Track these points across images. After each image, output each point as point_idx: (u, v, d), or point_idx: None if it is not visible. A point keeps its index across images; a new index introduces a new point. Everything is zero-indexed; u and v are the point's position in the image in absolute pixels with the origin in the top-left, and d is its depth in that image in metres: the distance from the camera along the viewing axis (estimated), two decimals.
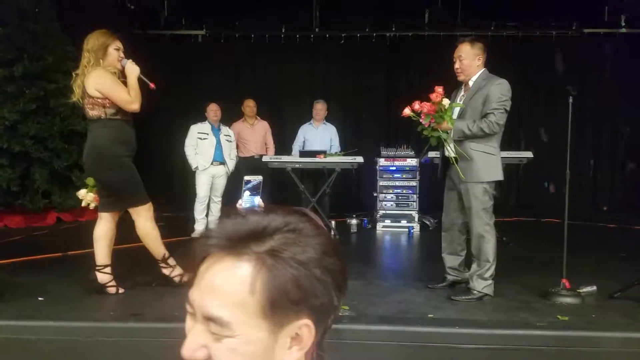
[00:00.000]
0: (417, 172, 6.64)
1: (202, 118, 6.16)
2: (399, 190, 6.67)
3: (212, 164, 5.91)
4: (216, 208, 6.00)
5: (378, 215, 6.66)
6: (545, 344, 2.80)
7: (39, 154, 6.58)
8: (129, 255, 4.36)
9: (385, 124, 8.83)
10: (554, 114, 8.39)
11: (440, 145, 3.61)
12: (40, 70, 6.57)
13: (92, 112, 3.38)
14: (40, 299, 3.35)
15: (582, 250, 4.55)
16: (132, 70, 3.39)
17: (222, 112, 6.12)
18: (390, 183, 6.66)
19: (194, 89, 8.43)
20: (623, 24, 8.12)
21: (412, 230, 6.45)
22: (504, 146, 7.20)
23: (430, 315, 3.11)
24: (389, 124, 8.90)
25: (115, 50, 3.39)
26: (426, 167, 6.70)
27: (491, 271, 3.47)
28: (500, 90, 3.40)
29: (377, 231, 6.55)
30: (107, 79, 3.33)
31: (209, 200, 6.00)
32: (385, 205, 6.65)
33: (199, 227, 5.90)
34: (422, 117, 3.37)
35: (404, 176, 6.67)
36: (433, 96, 3.36)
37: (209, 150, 5.91)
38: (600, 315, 3.14)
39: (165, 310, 3.11)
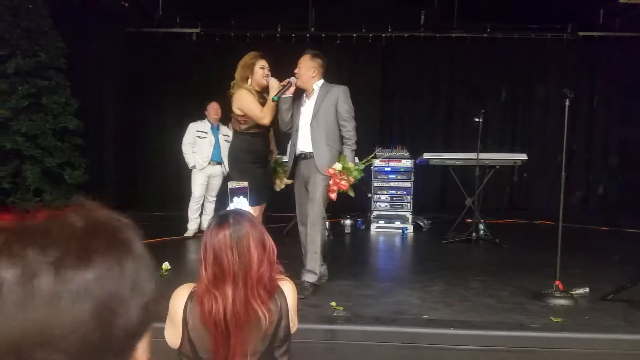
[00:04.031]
0: (412, 173, 6.65)
1: (196, 117, 6.11)
2: (393, 192, 6.67)
3: (209, 163, 5.87)
4: (210, 207, 5.97)
5: (372, 216, 6.66)
6: (539, 346, 2.81)
7: (31, 152, 6.52)
8: None
9: (380, 124, 8.84)
10: (548, 116, 8.45)
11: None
12: (33, 67, 6.52)
13: (233, 125, 3.97)
14: None
15: (575, 253, 4.57)
16: (273, 87, 3.76)
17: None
18: (385, 184, 6.66)
19: (188, 87, 8.40)
20: (617, 27, 8.17)
21: (406, 231, 6.45)
22: (498, 148, 7.26)
23: (425, 316, 3.11)
24: (384, 125, 8.90)
25: (260, 68, 3.83)
26: (421, 168, 6.71)
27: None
28: (346, 98, 3.83)
29: (371, 232, 6.54)
30: (245, 99, 3.76)
31: (204, 200, 5.97)
32: (380, 206, 6.65)
33: (192, 226, 5.86)
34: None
35: (398, 177, 6.67)
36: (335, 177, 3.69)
37: (208, 149, 5.86)
38: (593, 317, 3.15)
39: (163, 308, 3.08)
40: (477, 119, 5.57)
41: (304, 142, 3.83)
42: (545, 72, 8.66)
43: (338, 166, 3.68)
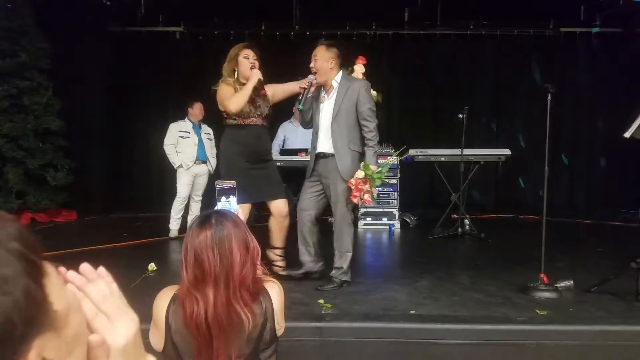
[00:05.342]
0: (398, 170, 6.67)
1: (180, 116, 6.06)
2: (379, 188, 6.66)
3: (195, 162, 5.82)
4: (196, 207, 5.92)
5: (359, 213, 6.67)
6: (525, 339, 2.84)
7: (13, 153, 6.42)
8: (108, 256, 4.28)
9: None
10: (532, 112, 8.52)
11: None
12: (13, 67, 6.42)
13: (223, 122, 3.89)
14: None
15: (559, 246, 4.63)
16: (252, 79, 3.66)
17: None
18: None
19: (172, 86, 8.33)
20: (598, 23, 8.27)
21: (393, 228, 6.48)
22: (483, 144, 7.33)
23: (412, 312, 3.12)
24: None
25: (244, 58, 3.69)
26: (407, 165, 6.74)
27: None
28: (368, 95, 3.69)
29: (359, 229, 6.54)
30: (220, 92, 3.71)
31: (189, 200, 5.92)
32: None
33: (174, 226, 5.77)
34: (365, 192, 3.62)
35: (384, 174, 6.67)
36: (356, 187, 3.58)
37: (192, 149, 5.80)
38: (578, 309, 3.19)
39: (147, 311, 3.06)
40: (460, 115, 5.61)
41: (324, 144, 3.73)
42: (529, 67, 8.73)
43: (360, 174, 3.55)
